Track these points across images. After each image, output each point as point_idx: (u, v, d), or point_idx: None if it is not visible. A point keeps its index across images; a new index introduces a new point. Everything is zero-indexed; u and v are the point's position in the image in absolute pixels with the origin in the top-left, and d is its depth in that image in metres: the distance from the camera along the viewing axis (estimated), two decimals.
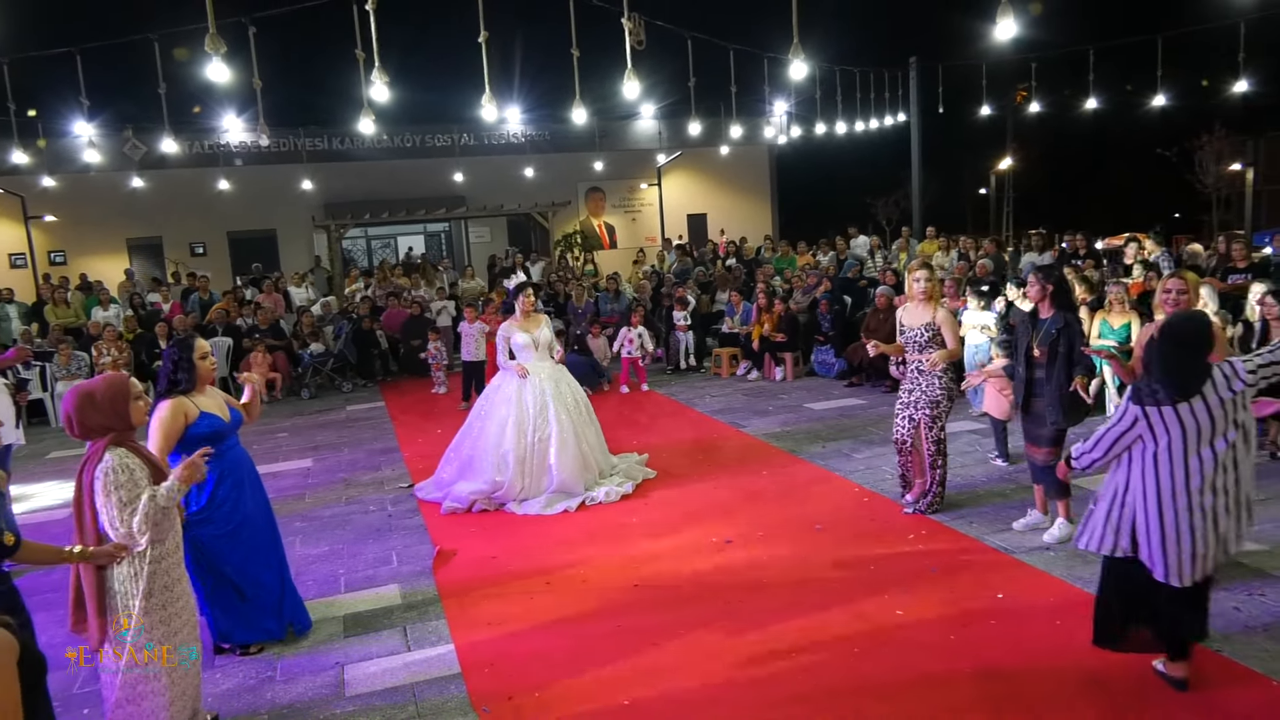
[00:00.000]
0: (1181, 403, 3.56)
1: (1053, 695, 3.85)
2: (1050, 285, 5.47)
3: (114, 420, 3.43)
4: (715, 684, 4.12)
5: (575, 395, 7.33)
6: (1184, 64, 17.39)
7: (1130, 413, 3.65)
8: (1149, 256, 11.61)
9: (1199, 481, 3.58)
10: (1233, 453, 3.60)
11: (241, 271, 20.54)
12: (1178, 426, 3.57)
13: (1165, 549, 3.63)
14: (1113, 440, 3.72)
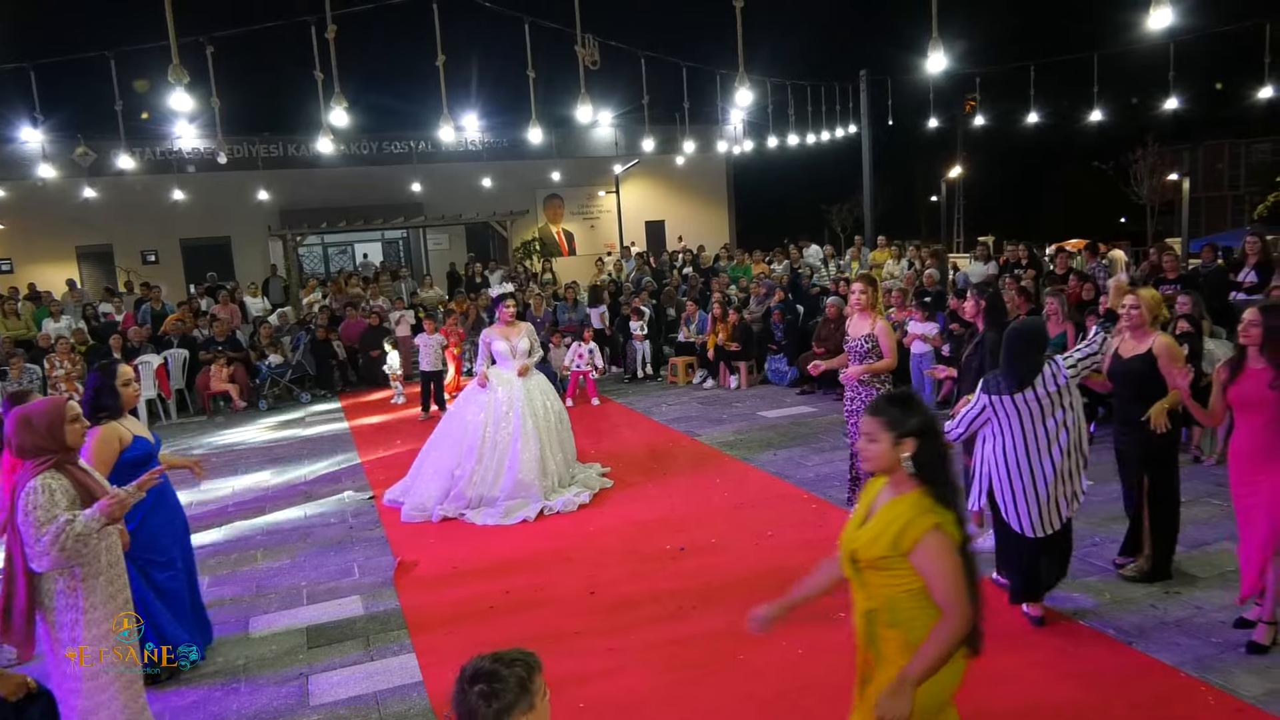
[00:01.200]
0: (1018, 393, 4.41)
1: (977, 686, 4.12)
2: (984, 301, 5.78)
3: (50, 443, 3.51)
4: (668, 686, 4.33)
5: (547, 403, 7.53)
6: (1117, 82, 18.09)
7: (980, 400, 4.55)
8: (1084, 266, 12.07)
9: (1038, 454, 4.44)
10: (1064, 423, 4.48)
11: (195, 280, 20.34)
12: (1015, 412, 4.44)
13: (1018, 509, 4.50)
14: (969, 422, 4.64)
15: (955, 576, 2.60)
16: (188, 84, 6.55)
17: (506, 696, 2.01)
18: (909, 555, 2.60)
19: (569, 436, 7.76)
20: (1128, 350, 4.98)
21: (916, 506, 2.64)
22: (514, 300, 7.70)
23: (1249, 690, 3.97)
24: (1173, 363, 4.76)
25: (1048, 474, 4.46)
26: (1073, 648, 4.46)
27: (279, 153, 22.36)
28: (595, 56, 9.17)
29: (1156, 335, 4.91)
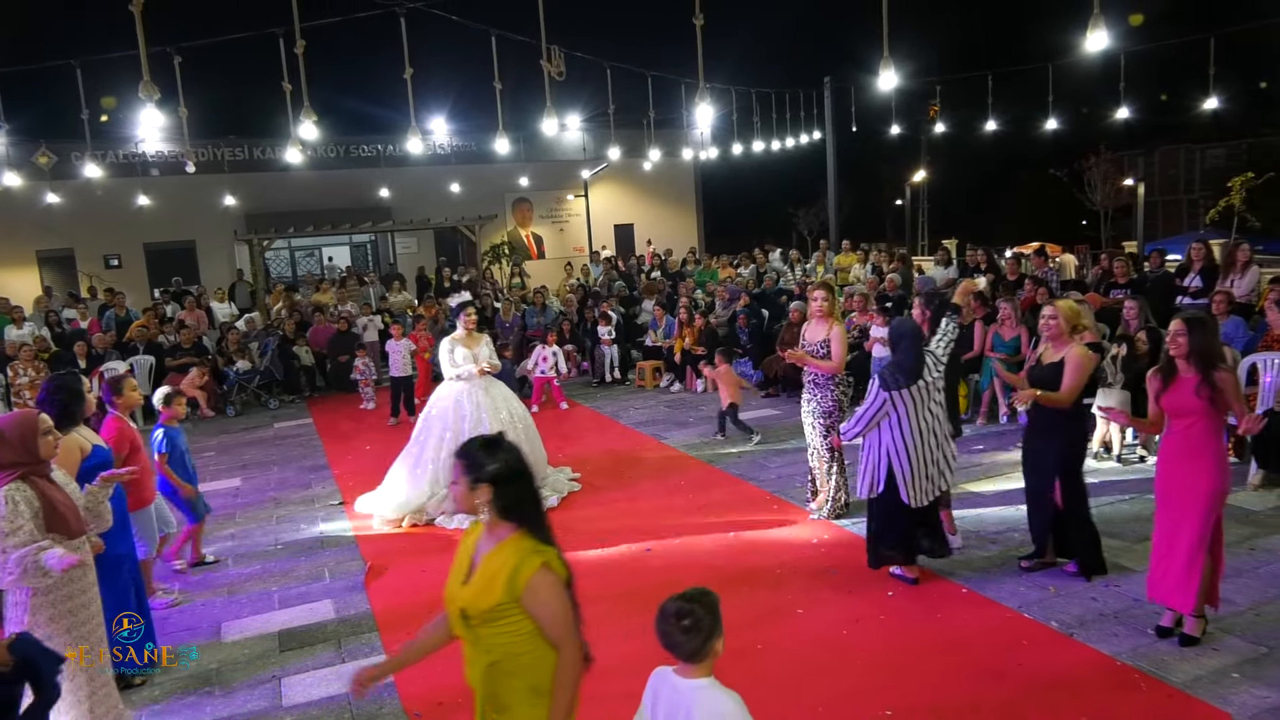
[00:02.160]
0: (912, 385, 5.14)
1: (925, 676, 4.33)
2: (930, 310, 6.02)
3: (24, 455, 3.60)
4: (633, 682, 4.48)
5: (511, 409, 7.65)
6: (1071, 91, 18.59)
7: (881, 396, 5.20)
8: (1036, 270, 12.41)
9: (925, 433, 5.21)
10: (940, 404, 5.32)
11: (159, 285, 20.18)
12: (911, 401, 5.17)
13: (913, 485, 5.20)
14: (870, 418, 5.26)
15: (565, 612, 2.62)
16: (147, 89, 6.59)
17: (705, 625, 2.59)
18: (521, 599, 2.56)
19: (537, 440, 7.89)
20: (1047, 358, 5.23)
21: (519, 550, 2.61)
22: (474, 308, 7.77)
23: (1178, 677, 4.22)
24: (1073, 372, 5.02)
25: (933, 450, 5.24)
26: (1014, 640, 4.68)
27: (244, 156, 22.25)
28: (561, 68, 9.32)
29: (1073, 345, 5.16)
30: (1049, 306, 5.36)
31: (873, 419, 5.24)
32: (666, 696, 2.62)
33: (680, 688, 2.59)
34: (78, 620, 3.76)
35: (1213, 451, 4.45)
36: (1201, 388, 4.36)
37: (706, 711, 2.51)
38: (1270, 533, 5.96)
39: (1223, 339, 8.08)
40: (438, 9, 9.58)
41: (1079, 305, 5.71)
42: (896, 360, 5.25)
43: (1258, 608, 4.89)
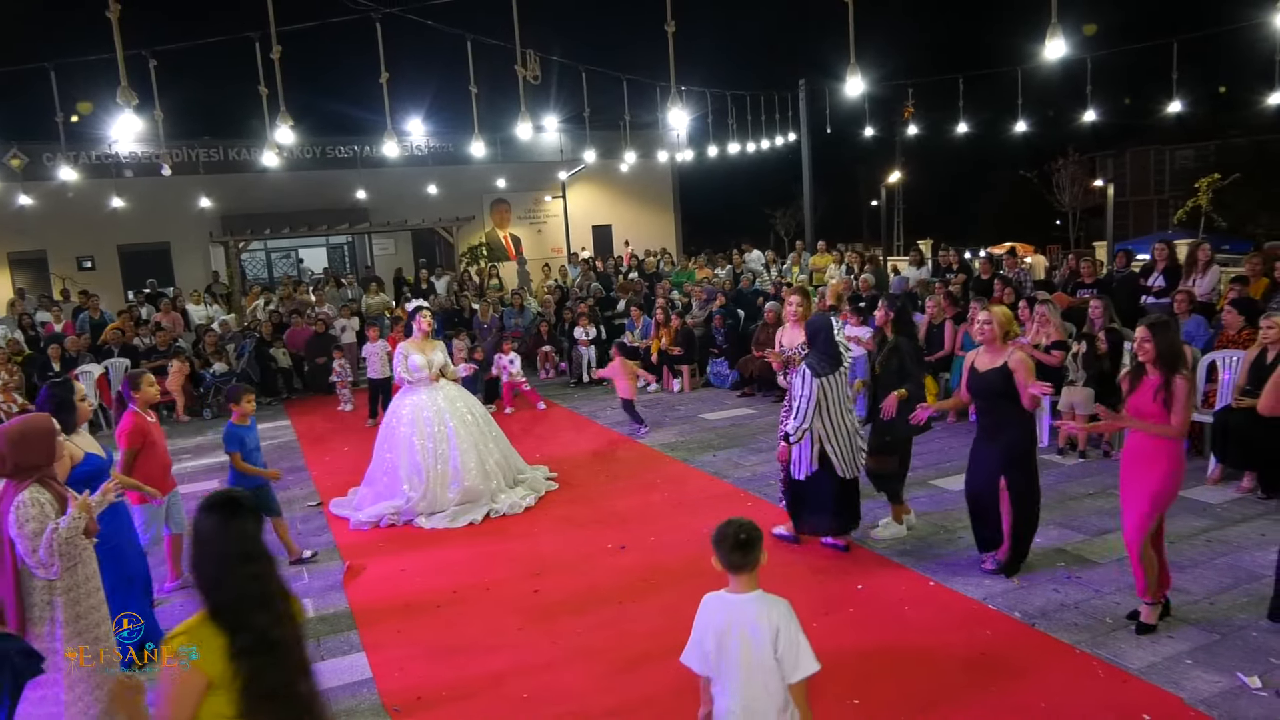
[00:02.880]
0: (835, 371, 5.67)
1: (892, 666, 4.46)
2: (893, 312, 6.17)
3: (44, 458, 3.67)
4: (608, 676, 4.59)
5: (471, 410, 7.71)
6: (1040, 94, 18.90)
7: (813, 384, 5.66)
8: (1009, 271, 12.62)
9: (846, 414, 5.77)
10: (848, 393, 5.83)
11: (133, 286, 20.05)
12: (832, 387, 5.69)
13: (843, 459, 5.74)
14: (808, 408, 5.68)
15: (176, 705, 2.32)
16: (125, 94, 6.59)
17: (756, 540, 3.03)
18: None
19: (502, 439, 7.95)
20: (984, 364, 5.36)
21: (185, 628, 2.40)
22: (429, 313, 7.77)
23: (1133, 664, 4.37)
24: (1028, 376, 5.17)
25: (850, 428, 5.83)
26: (979, 631, 4.83)
27: (220, 157, 22.15)
28: (536, 72, 9.40)
29: (1012, 350, 5.31)
30: (983, 312, 5.47)
31: (812, 408, 5.68)
32: (723, 615, 2.98)
33: (736, 603, 2.99)
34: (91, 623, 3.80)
35: (1166, 453, 4.57)
36: (1159, 392, 4.50)
37: (765, 616, 2.93)
38: (1226, 525, 6.15)
39: (1184, 338, 8.33)
40: (413, 14, 9.63)
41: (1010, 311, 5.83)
42: (819, 351, 5.77)
43: (1212, 597, 5.06)
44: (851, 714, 4.10)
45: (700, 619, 3.04)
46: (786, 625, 2.93)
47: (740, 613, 2.95)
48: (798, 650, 2.91)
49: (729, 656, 2.93)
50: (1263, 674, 4.18)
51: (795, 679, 2.91)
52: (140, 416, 5.57)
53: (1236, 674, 4.21)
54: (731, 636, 2.93)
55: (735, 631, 2.92)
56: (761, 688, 2.90)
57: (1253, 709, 3.94)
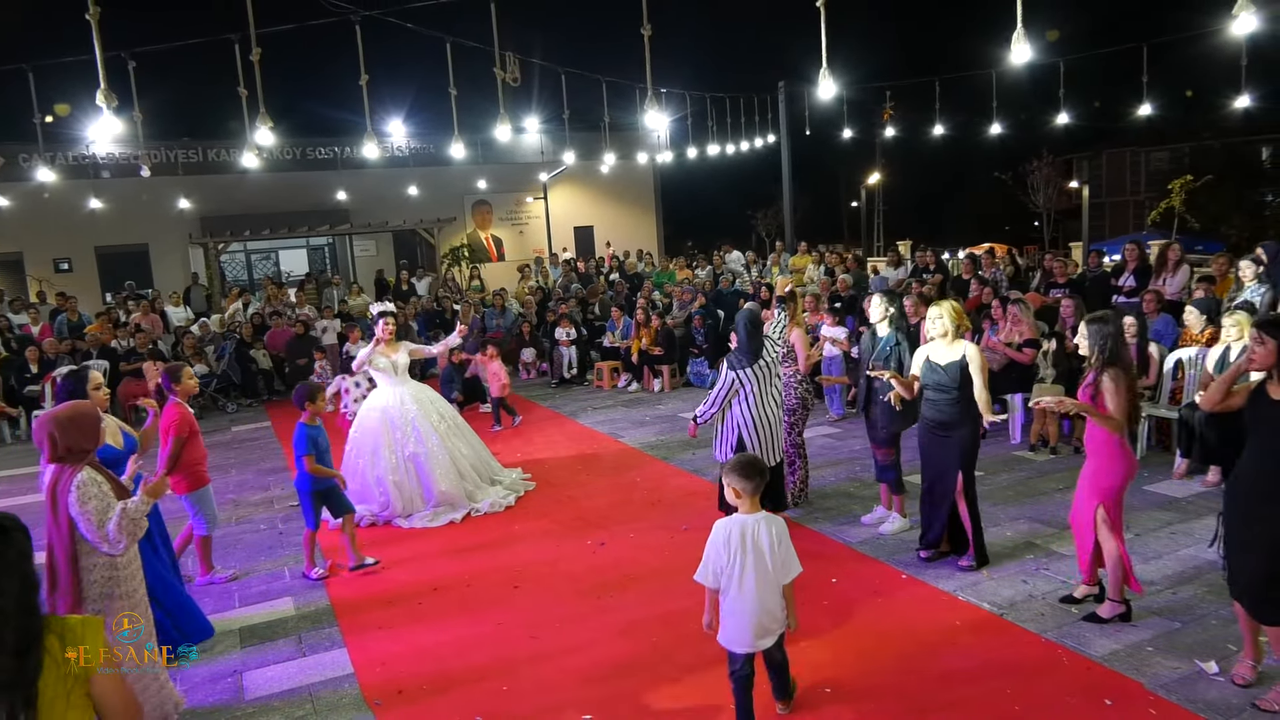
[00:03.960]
0: (754, 364, 5.94)
1: (863, 655, 4.57)
2: (893, 309, 6.28)
3: (91, 442, 3.78)
4: (585, 669, 4.67)
5: (440, 410, 7.73)
6: (1015, 97, 19.16)
7: (729, 376, 5.96)
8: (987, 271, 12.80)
9: (769, 406, 6.04)
10: (779, 378, 6.25)
11: (111, 289, 19.93)
12: (754, 379, 5.96)
13: (763, 448, 5.95)
14: (722, 397, 6.00)
15: None
16: (105, 96, 6.59)
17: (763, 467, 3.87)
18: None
19: (473, 437, 7.97)
20: (938, 358, 5.49)
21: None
22: (393, 318, 7.72)
23: (1097, 651, 4.50)
24: (980, 371, 5.31)
25: (773, 422, 6.08)
26: (949, 621, 4.94)
27: (199, 159, 22.05)
28: (516, 74, 9.47)
29: (966, 345, 5.44)
30: (934, 307, 5.60)
31: (724, 398, 6.00)
32: (736, 531, 3.74)
33: (747, 521, 3.76)
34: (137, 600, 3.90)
35: (1103, 442, 4.70)
36: (1089, 387, 4.66)
37: (768, 530, 3.76)
38: (1190, 518, 6.31)
39: (1153, 335, 8.52)
40: (393, 17, 9.67)
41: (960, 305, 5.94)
42: (738, 345, 6.05)
43: (1174, 588, 5.20)
44: (824, 700, 4.20)
45: (714, 541, 3.78)
46: (782, 538, 3.79)
47: (751, 529, 3.75)
48: (789, 557, 3.79)
49: (746, 563, 3.71)
50: (1220, 660, 4.32)
51: (788, 579, 3.81)
52: (183, 407, 5.80)
53: (1195, 660, 4.34)
54: (747, 548, 3.72)
55: (749, 543, 3.73)
56: (766, 585, 3.74)
57: (1209, 693, 4.08)
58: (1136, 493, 6.87)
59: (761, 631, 3.77)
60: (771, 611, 3.77)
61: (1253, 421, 4.01)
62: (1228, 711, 3.92)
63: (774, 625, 3.81)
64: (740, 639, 3.77)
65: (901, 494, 6.46)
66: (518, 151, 24.60)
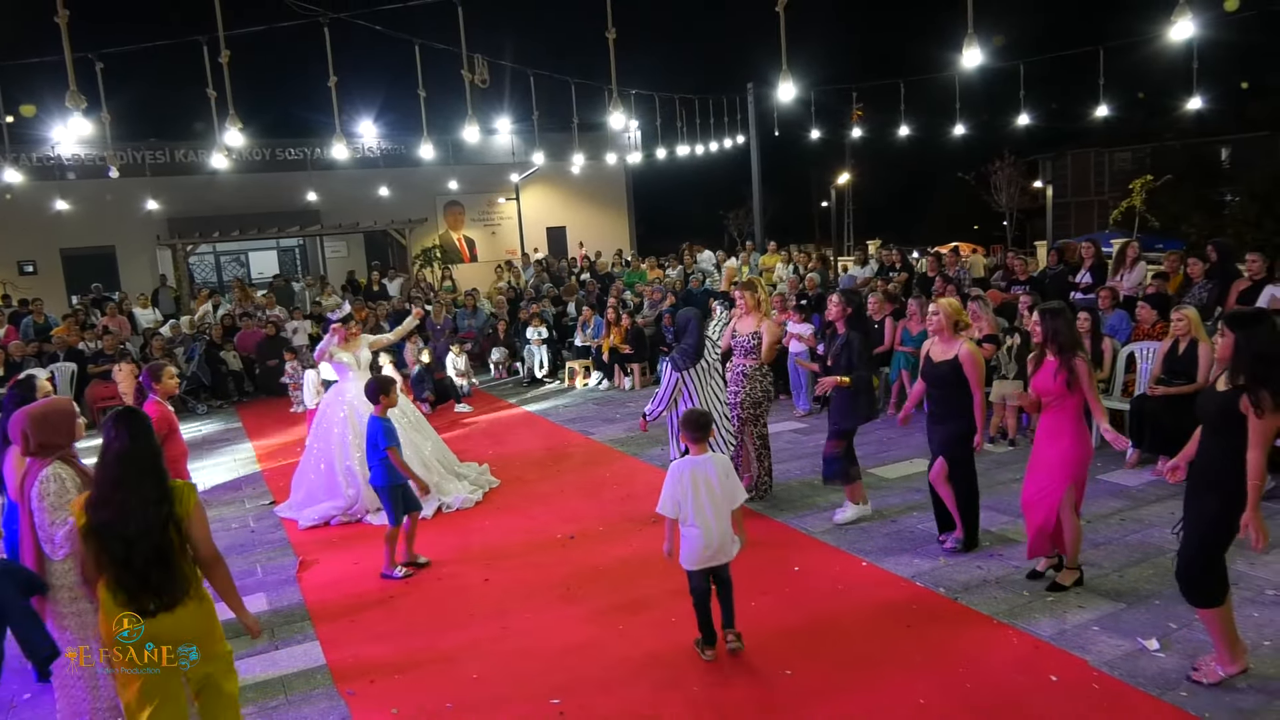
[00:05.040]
0: (696, 364, 6.28)
1: (824, 639, 4.73)
2: (850, 309, 6.45)
3: (64, 439, 3.84)
4: (554, 656, 4.79)
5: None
6: (977, 99, 19.52)
7: (673, 376, 6.30)
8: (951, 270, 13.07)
9: (715, 401, 6.41)
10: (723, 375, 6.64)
11: (77, 291, 19.72)
12: (696, 378, 6.30)
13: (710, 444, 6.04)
14: (668, 396, 6.34)
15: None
16: (74, 98, 6.59)
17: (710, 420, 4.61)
18: None
19: (431, 433, 8.06)
20: (937, 354, 5.68)
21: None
22: (354, 324, 7.78)
23: (1045, 631, 4.69)
24: (973, 371, 5.49)
25: (721, 414, 6.42)
26: (906, 606, 5.12)
27: (166, 159, 21.86)
28: (485, 75, 9.56)
29: (963, 343, 5.62)
30: (933, 304, 5.81)
31: (670, 397, 6.33)
32: (688, 470, 4.46)
33: (698, 460, 4.50)
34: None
35: (1069, 427, 4.96)
36: (1059, 371, 4.88)
37: (716, 466, 4.50)
38: (1140, 506, 6.54)
39: (1108, 331, 8.78)
40: (361, 20, 9.72)
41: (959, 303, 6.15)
42: (683, 346, 6.36)
43: (1121, 571, 5.42)
44: (784, 684, 4.34)
45: (671, 478, 4.49)
46: (728, 472, 4.53)
47: (702, 466, 4.48)
48: (735, 488, 4.51)
49: (700, 495, 4.42)
50: (1162, 637, 4.52)
51: (735, 506, 4.51)
52: (163, 406, 5.79)
53: (1138, 638, 4.54)
54: (699, 483, 4.43)
55: (700, 478, 4.44)
56: (716, 512, 4.44)
57: (1150, 668, 4.27)
58: (1091, 481, 7.08)
59: (713, 552, 4.46)
60: (722, 533, 4.46)
61: (1199, 412, 4.20)
62: (1165, 685, 4.11)
63: (724, 546, 4.49)
64: (697, 558, 4.47)
65: (854, 482, 6.58)
66: (489, 152, 24.61)
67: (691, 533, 4.47)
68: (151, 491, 3.31)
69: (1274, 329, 3.95)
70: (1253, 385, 3.78)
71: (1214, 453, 3.99)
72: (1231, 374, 3.91)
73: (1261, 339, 3.82)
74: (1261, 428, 3.79)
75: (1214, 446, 4.00)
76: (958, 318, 5.70)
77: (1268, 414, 3.74)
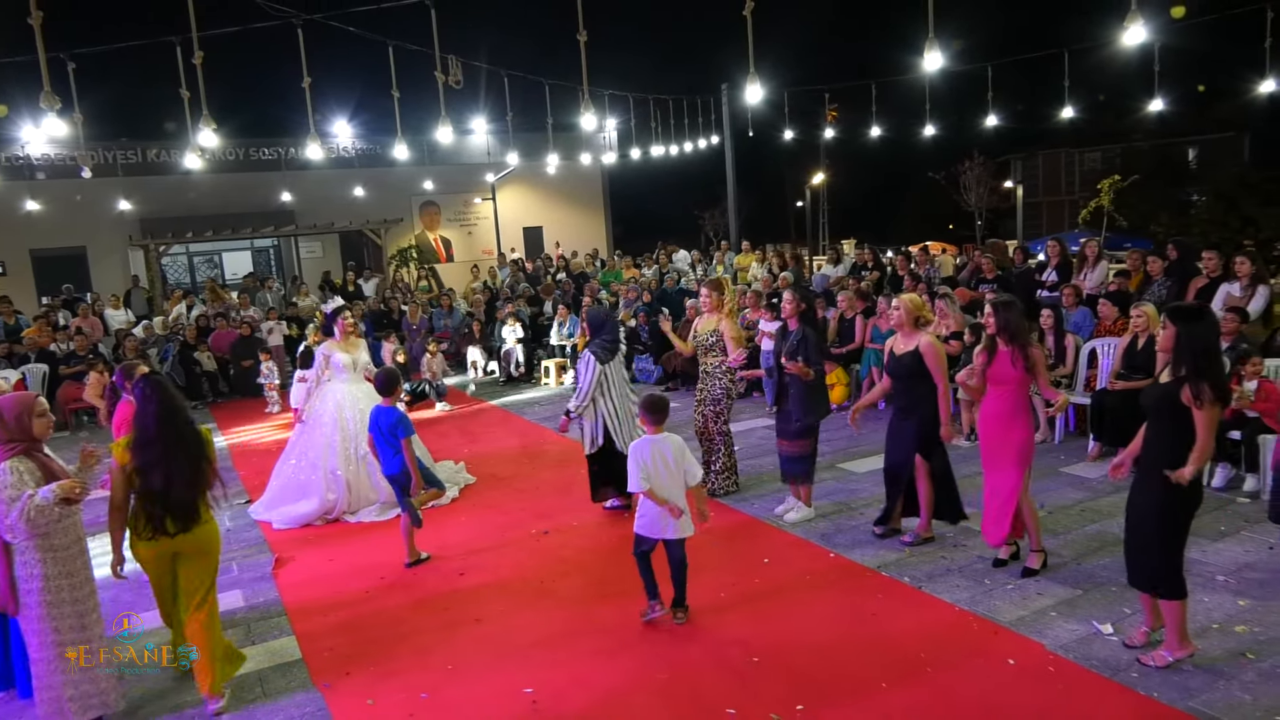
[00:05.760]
0: (614, 359, 6.73)
1: (789, 624, 4.86)
2: (803, 305, 6.58)
3: (19, 434, 3.93)
4: (528, 647, 4.89)
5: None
6: (947, 100, 19.80)
7: (595, 368, 6.64)
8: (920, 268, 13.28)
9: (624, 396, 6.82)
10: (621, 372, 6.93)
11: (47, 292, 19.52)
12: (612, 371, 6.73)
13: (624, 434, 6.68)
14: (588, 389, 6.65)
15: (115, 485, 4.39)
16: (48, 99, 6.58)
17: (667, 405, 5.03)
18: None
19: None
20: (900, 348, 5.84)
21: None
22: (349, 313, 7.84)
23: (1005, 617, 4.85)
24: (935, 363, 5.65)
25: (629, 408, 6.76)
26: (871, 594, 5.26)
27: (139, 159, 21.66)
28: (459, 77, 9.61)
29: (923, 336, 5.78)
30: (895, 299, 5.97)
31: (591, 389, 6.68)
32: (650, 447, 4.83)
33: (658, 439, 4.87)
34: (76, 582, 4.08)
35: (1024, 415, 5.23)
36: (1016, 359, 5.09)
37: (674, 444, 4.88)
38: (1099, 497, 6.73)
39: (1071, 328, 8.99)
40: (334, 21, 9.74)
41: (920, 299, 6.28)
42: (601, 340, 6.79)
43: (1079, 559, 5.59)
44: (752, 670, 4.47)
45: (634, 457, 4.83)
46: (683, 450, 4.90)
47: (661, 445, 4.86)
48: (692, 464, 4.92)
49: (660, 471, 4.80)
50: (1115, 622, 4.69)
51: (693, 483, 4.93)
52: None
53: (1093, 623, 4.71)
54: (658, 457, 4.81)
55: (658, 455, 4.82)
56: (673, 485, 4.83)
57: (1103, 651, 4.43)
58: (1053, 475, 7.31)
59: (667, 524, 4.84)
60: (679, 506, 4.83)
61: (1144, 405, 4.37)
62: (1116, 667, 4.28)
63: (682, 521, 4.85)
64: (653, 527, 4.88)
65: (808, 484, 6.68)
66: (464, 153, 24.58)
67: (649, 506, 4.84)
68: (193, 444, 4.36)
69: (1214, 324, 4.13)
70: (1193, 378, 3.95)
71: (1159, 445, 4.15)
72: (1173, 366, 4.08)
73: (1201, 333, 3.99)
74: (1204, 419, 3.96)
75: (1158, 438, 4.16)
76: (918, 313, 5.84)
77: (1207, 405, 3.91)
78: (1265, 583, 5.10)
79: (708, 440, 7.30)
